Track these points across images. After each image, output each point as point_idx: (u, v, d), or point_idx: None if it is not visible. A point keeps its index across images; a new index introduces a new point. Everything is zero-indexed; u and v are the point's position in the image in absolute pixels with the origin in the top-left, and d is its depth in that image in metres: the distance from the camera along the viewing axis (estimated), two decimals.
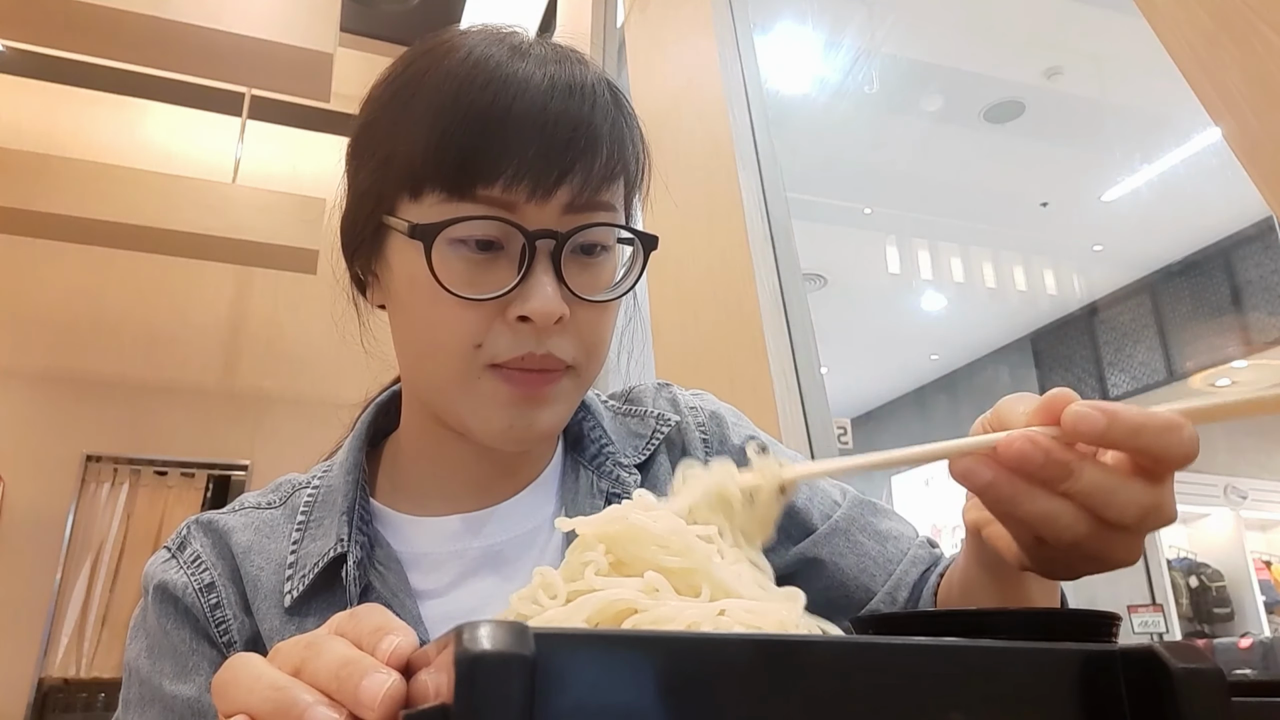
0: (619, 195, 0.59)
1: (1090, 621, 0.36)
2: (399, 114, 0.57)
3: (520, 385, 0.56)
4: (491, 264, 0.54)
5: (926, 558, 0.68)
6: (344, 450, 0.66)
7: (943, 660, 0.27)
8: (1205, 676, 0.26)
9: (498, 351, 0.55)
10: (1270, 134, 0.72)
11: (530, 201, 0.54)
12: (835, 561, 0.67)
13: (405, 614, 0.57)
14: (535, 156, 0.53)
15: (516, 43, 0.57)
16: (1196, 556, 5.74)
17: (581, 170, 0.54)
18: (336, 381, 4.74)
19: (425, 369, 0.58)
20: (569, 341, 0.56)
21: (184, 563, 0.61)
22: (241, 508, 0.66)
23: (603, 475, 0.65)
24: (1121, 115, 4.49)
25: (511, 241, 0.54)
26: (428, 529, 0.63)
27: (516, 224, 0.53)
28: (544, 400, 0.57)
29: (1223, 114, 0.75)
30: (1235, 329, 5.42)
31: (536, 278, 0.54)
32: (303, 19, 3.50)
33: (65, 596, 4.23)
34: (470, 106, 0.53)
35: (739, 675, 0.24)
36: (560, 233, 0.54)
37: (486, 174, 0.53)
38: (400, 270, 0.57)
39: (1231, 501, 5.77)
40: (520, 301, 0.54)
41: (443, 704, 0.23)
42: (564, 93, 0.55)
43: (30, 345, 4.41)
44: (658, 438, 0.69)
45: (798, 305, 1.74)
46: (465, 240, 0.54)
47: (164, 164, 4.25)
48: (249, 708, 0.32)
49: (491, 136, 0.53)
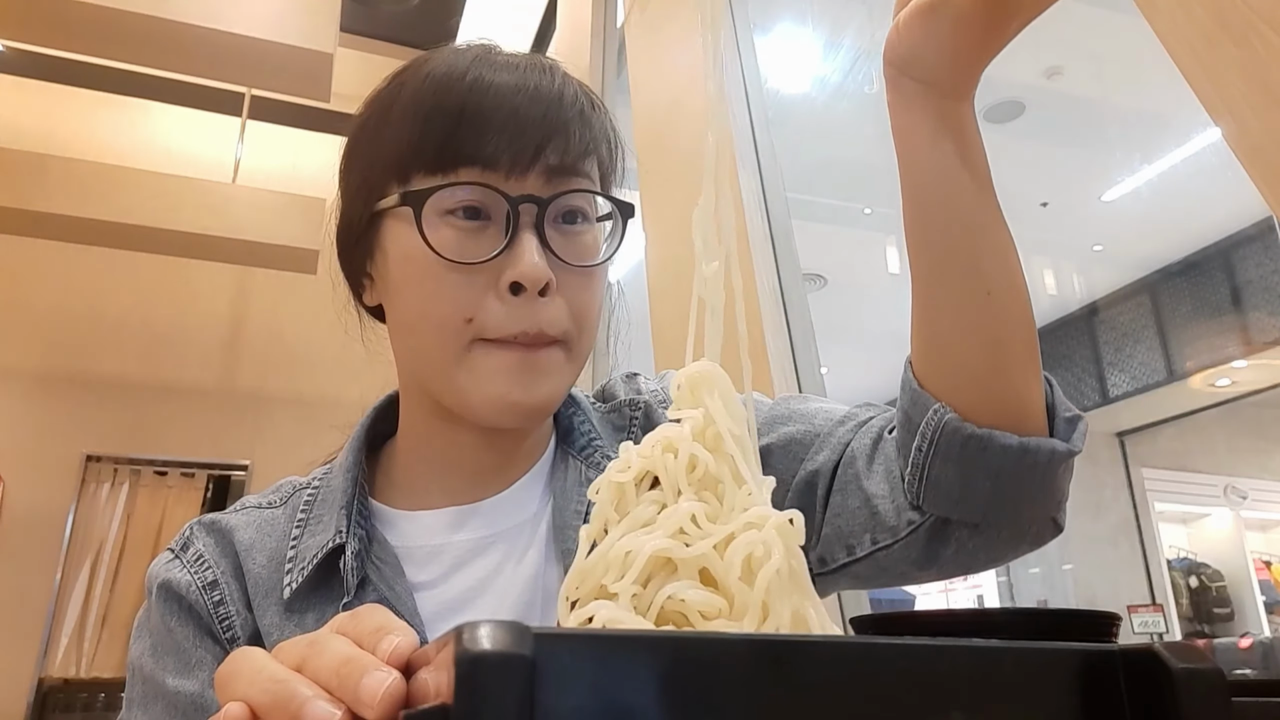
0: (594, 172, 0.62)
1: (1090, 621, 0.36)
2: (384, 116, 0.61)
3: (513, 350, 0.57)
4: (479, 233, 0.57)
5: (858, 415, 0.67)
6: (343, 452, 0.67)
7: (943, 660, 0.27)
8: (1205, 676, 0.26)
9: (488, 325, 0.57)
10: (1270, 134, 0.72)
11: (511, 175, 0.57)
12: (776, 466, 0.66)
13: (402, 606, 0.57)
14: (512, 131, 0.57)
15: (490, 49, 0.62)
16: (1196, 556, 5.75)
17: (556, 144, 0.58)
18: (336, 381, 4.73)
19: (420, 347, 0.60)
20: (558, 312, 0.58)
21: (187, 562, 0.62)
22: (243, 508, 0.67)
23: (591, 465, 0.66)
24: (1121, 115, 4.49)
25: (496, 210, 0.57)
26: (422, 522, 0.64)
27: (499, 189, 0.57)
28: (539, 369, 0.58)
29: (1223, 114, 0.75)
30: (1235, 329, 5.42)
31: (522, 242, 0.57)
32: (303, 19, 3.50)
33: (65, 596, 4.23)
34: (450, 95, 0.58)
35: (739, 675, 0.24)
36: (542, 198, 0.57)
37: (468, 151, 0.57)
38: (394, 250, 0.60)
39: (1231, 501, 5.77)
40: (510, 266, 0.56)
41: (442, 704, 0.23)
42: (535, 77, 0.59)
43: (30, 345, 4.41)
44: (635, 425, 0.70)
45: (798, 305, 1.74)
46: (454, 210, 0.57)
47: (164, 164, 4.25)
48: (249, 698, 0.32)
49: (471, 118, 0.57)
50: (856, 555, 0.62)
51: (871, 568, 0.62)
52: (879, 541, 0.61)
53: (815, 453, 0.65)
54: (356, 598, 0.58)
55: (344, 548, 0.59)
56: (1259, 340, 5.36)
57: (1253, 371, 5.36)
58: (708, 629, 0.33)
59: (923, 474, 0.57)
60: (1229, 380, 5.56)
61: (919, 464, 0.57)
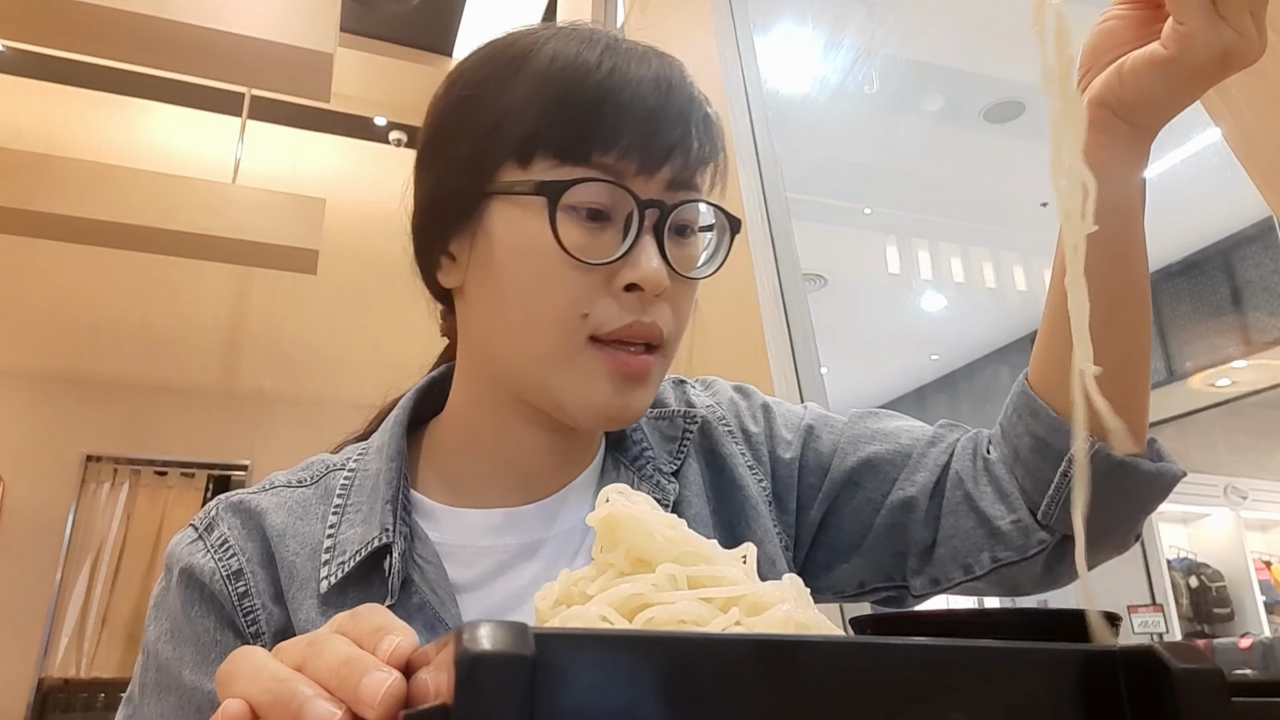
0: (707, 180, 0.60)
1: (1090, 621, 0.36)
2: (503, 87, 0.57)
3: (619, 363, 0.56)
4: (599, 234, 0.55)
5: (946, 435, 0.69)
6: (384, 434, 0.64)
7: (943, 660, 0.27)
8: (1206, 676, 0.26)
9: (603, 321, 0.55)
10: (1270, 134, 0.72)
11: (639, 174, 0.55)
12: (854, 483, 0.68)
13: (445, 611, 0.56)
14: (647, 130, 0.55)
15: (615, 36, 0.59)
16: (1196, 556, 5.74)
17: (683, 150, 0.56)
18: (336, 381, 4.76)
19: (522, 341, 0.57)
20: (665, 316, 0.57)
21: (211, 546, 0.59)
22: (272, 486, 0.63)
23: (644, 479, 0.65)
24: None
25: (619, 211, 0.56)
26: (468, 520, 0.61)
27: (631, 190, 0.55)
28: (641, 378, 0.57)
29: (1223, 114, 0.75)
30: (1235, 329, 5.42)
31: (644, 246, 0.55)
32: (303, 19, 3.50)
33: (65, 596, 4.24)
34: (588, 76, 0.55)
35: (739, 675, 0.24)
36: (666, 204, 0.56)
37: (604, 141, 0.54)
38: (505, 237, 0.57)
39: (1231, 501, 5.77)
40: (630, 268, 0.55)
41: (443, 704, 0.23)
42: (668, 78, 0.57)
43: (30, 345, 4.42)
44: (688, 440, 0.69)
45: (798, 305, 1.74)
46: (578, 208, 0.55)
47: (164, 164, 4.26)
48: (250, 697, 0.32)
49: (609, 106, 0.54)
50: (975, 574, 0.64)
51: (985, 583, 0.65)
52: (1001, 559, 0.63)
53: (911, 473, 0.67)
54: (398, 599, 0.56)
55: (390, 548, 0.57)
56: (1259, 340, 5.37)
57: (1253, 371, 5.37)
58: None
59: (1063, 497, 0.60)
60: (1229, 380, 5.56)
61: (1061, 488, 0.60)
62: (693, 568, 0.35)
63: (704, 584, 0.35)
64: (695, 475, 0.67)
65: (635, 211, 0.55)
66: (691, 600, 0.33)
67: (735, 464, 0.69)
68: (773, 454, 0.70)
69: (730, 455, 0.69)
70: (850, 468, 0.68)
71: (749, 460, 0.70)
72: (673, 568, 0.35)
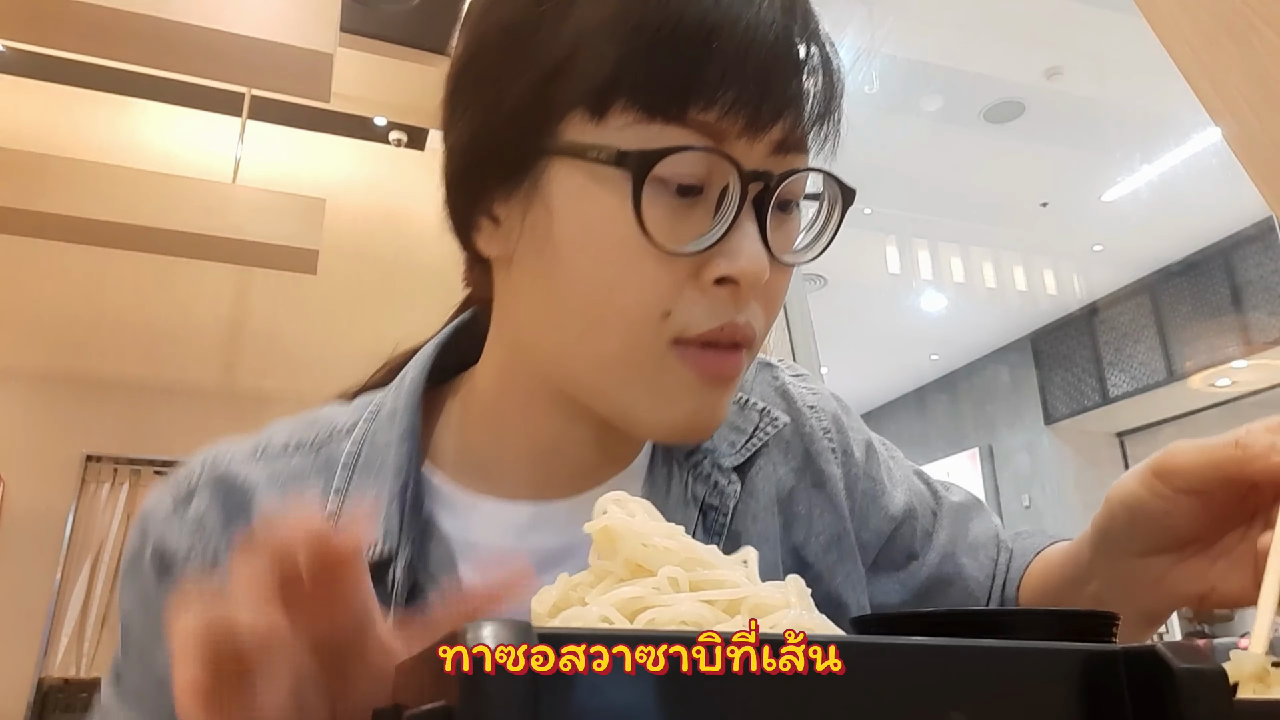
0: (820, 142, 0.48)
1: (1091, 621, 0.36)
2: (568, 13, 0.44)
3: (708, 366, 0.45)
4: (689, 212, 0.44)
5: (998, 560, 0.66)
6: (398, 396, 0.54)
7: (943, 660, 0.27)
8: (1207, 677, 0.26)
9: (691, 322, 0.44)
10: (1270, 134, 0.72)
11: (743, 136, 0.43)
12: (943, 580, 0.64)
13: None
14: (761, 79, 0.42)
15: None
16: None
17: (796, 105, 0.44)
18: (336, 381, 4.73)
19: (585, 341, 0.46)
20: (756, 309, 0.47)
21: (187, 523, 0.51)
22: (265, 455, 0.55)
23: (698, 478, 0.55)
24: (1121, 115, 4.50)
25: (714, 183, 0.44)
26: (492, 515, 0.52)
27: (735, 160, 0.43)
28: (727, 383, 0.47)
29: (1223, 114, 0.75)
30: (1235, 329, 5.43)
31: (743, 229, 0.44)
32: (303, 19, 3.50)
33: (65, 596, 4.23)
34: (686, 10, 0.42)
35: (740, 674, 0.24)
36: (774, 175, 0.44)
37: (704, 93, 0.42)
38: (569, 212, 0.45)
39: None
40: (725, 258, 0.43)
41: (445, 705, 0.23)
42: (790, 4, 0.45)
43: (30, 345, 4.41)
44: (761, 437, 0.58)
45: (798, 305, 1.74)
46: (667, 180, 0.43)
47: (164, 164, 4.25)
48: None
49: (711, 47, 0.41)
50: None
51: None
52: None
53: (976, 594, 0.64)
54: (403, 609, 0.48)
55: (394, 558, 0.48)
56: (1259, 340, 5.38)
57: (1253, 371, 5.37)
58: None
59: None
60: (1229, 380, 5.56)
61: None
62: (694, 571, 0.35)
63: (705, 587, 0.35)
64: (768, 480, 0.57)
65: (735, 185, 0.43)
66: (693, 602, 0.33)
67: (835, 488, 0.59)
68: (869, 497, 0.61)
69: (831, 477, 0.59)
70: (943, 575, 0.63)
71: (845, 487, 0.60)
72: (674, 570, 0.35)
